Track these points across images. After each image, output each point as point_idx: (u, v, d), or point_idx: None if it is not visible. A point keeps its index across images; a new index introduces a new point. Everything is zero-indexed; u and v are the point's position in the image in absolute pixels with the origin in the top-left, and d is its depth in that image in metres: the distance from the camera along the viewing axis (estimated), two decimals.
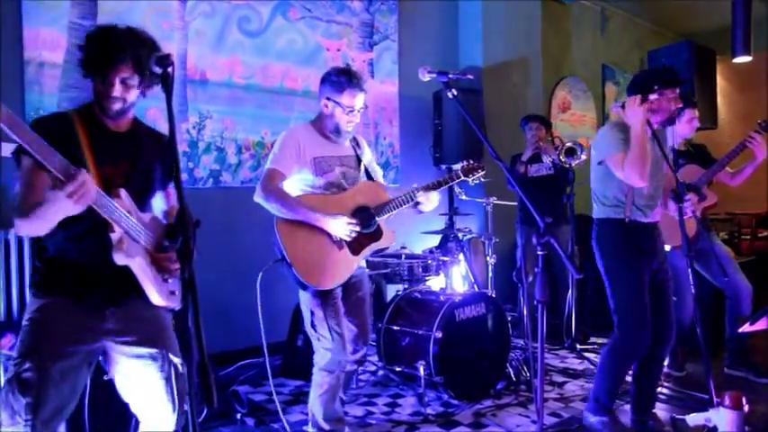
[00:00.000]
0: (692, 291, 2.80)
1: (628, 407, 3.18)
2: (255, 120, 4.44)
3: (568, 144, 4.39)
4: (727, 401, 2.41)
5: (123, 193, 1.85)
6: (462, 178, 3.00)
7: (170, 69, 1.64)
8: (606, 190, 2.98)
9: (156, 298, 1.94)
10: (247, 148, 4.41)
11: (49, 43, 3.52)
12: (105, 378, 2.04)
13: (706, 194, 3.73)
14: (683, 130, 3.80)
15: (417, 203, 2.82)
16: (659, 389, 3.65)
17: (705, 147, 4.07)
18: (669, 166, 2.93)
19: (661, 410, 3.31)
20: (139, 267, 1.87)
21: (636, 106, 2.76)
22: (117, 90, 1.86)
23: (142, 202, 1.96)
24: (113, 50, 1.83)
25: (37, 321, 1.83)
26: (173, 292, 1.99)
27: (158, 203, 2.10)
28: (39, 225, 1.73)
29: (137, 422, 2.05)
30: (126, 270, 1.86)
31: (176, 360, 1.94)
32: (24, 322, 1.85)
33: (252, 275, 2.85)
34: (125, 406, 2.02)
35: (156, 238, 1.96)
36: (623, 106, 2.86)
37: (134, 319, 1.95)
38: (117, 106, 1.89)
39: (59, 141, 1.67)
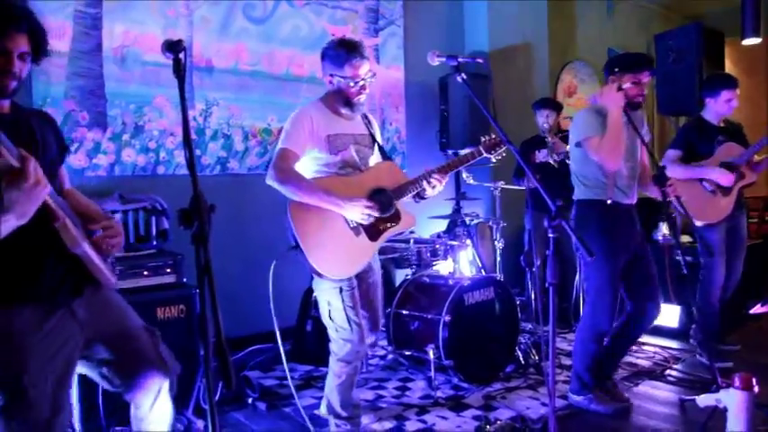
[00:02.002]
0: (723, 271, 2.85)
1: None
2: (262, 106, 4.43)
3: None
4: (737, 382, 2.41)
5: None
6: (484, 155, 2.80)
7: (181, 56, 1.61)
8: (586, 171, 3.05)
9: (109, 278, 1.89)
10: (254, 135, 4.41)
11: (56, 32, 3.51)
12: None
13: (744, 173, 3.74)
14: (721, 108, 3.75)
15: (422, 191, 2.68)
16: (667, 371, 3.69)
17: (741, 126, 4.02)
18: (646, 147, 3.02)
19: (670, 393, 3.33)
20: (90, 252, 1.79)
21: (614, 92, 2.87)
22: (16, 64, 1.69)
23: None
24: (10, 21, 1.67)
25: (9, 342, 1.66)
26: (112, 272, 1.94)
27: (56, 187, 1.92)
28: None
29: None
30: (74, 259, 1.77)
31: (151, 327, 1.96)
32: None
33: (260, 261, 2.85)
34: None
35: (80, 222, 1.86)
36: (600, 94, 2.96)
37: (100, 304, 1.90)
38: (14, 84, 1.71)
39: None
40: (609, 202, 2.99)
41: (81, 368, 1.91)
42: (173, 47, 1.60)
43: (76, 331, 1.81)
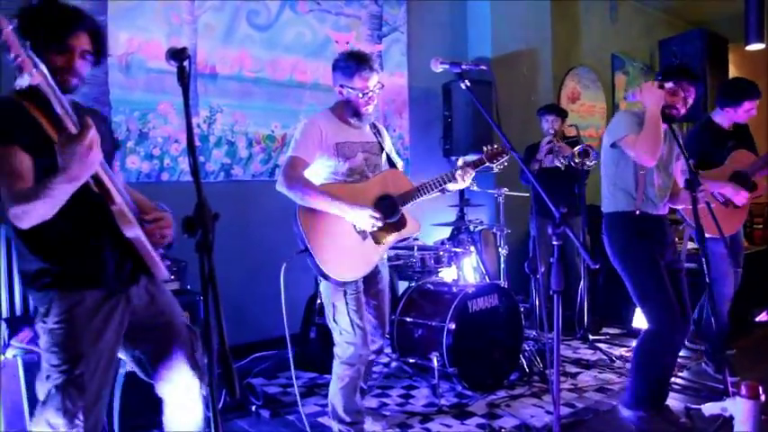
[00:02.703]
0: (731, 282, 2.78)
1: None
2: (265, 113, 4.44)
3: (585, 147, 4.33)
4: (743, 391, 2.40)
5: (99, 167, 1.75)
6: (487, 164, 2.86)
7: (186, 63, 1.63)
8: (620, 175, 2.98)
9: (161, 269, 1.95)
10: (258, 142, 4.42)
11: None
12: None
13: (757, 183, 3.66)
14: (740, 117, 3.69)
15: (444, 189, 2.78)
16: (673, 379, 3.66)
17: (748, 127, 3.94)
18: (684, 158, 2.90)
19: (675, 401, 3.30)
20: (143, 238, 1.84)
21: (654, 89, 2.82)
22: (78, 62, 1.78)
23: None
24: (75, 19, 1.77)
25: (75, 323, 1.76)
26: (164, 264, 1.99)
27: None
28: (43, 208, 1.60)
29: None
30: (130, 246, 1.84)
31: (193, 327, 2.02)
32: (56, 325, 1.76)
33: (263, 268, 2.86)
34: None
35: (137, 208, 1.93)
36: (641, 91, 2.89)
37: (151, 294, 1.98)
38: (75, 81, 1.80)
39: (19, 123, 1.59)
40: (637, 213, 2.93)
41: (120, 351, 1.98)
42: (177, 55, 1.62)
43: (127, 317, 1.90)
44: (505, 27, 5.82)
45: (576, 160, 4.30)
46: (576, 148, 4.33)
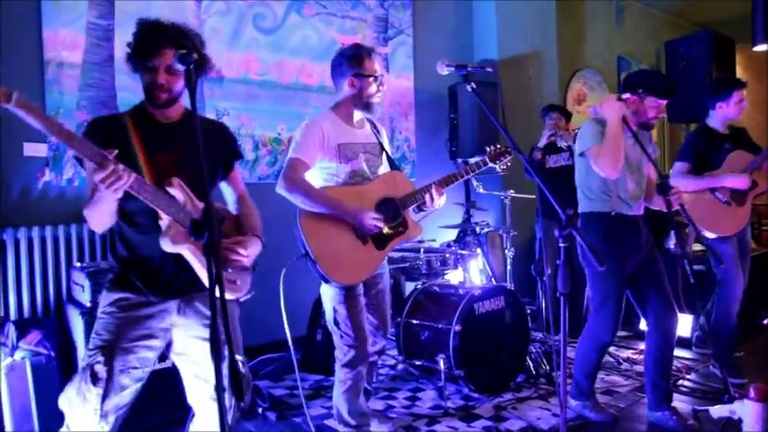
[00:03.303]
0: (741, 283, 2.79)
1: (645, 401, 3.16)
2: (271, 116, 4.45)
3: None
4: (752, 393, 2.39)
5: (176, 181, 1.88)
6: (490, 164, 2.87)
7: (192, 67, 1.64)
8: (590, 182, 3.04)
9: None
10: (264, 144, 4.43)
11: (68, 44, 3.55)
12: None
13: (757, 181, 3.66)
14: (732, 112, 3.68)
15: (422, 204, 2.73)
16: (680, 381, 3.65)
17: (745, 130, 3.94)
18: (653, 164, 2.98)
19: (683, 403, 3.29)
20: (191, 255, 1.88)
21: (612, 102, 2.88)
22: (162, 77, 1.89)
23: (199, 191, 1.95)
24: (156, 38, 1.90)
25: (110, 316, 1.91)
26: (233, 282, 2.02)
27: (227, 193, 2.22)
28: (95, 216, 1.81)
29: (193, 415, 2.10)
30: (185, 261, 1.90)
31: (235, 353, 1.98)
32: (99, 314, 1.94)
33: (270, 270, 2.85)
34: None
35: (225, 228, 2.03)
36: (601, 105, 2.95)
37: (199, 309, 2.01)
38: (164, 96, 1.93)
39: (110, 137, 1.78)
40: (612, 213, 2.98)
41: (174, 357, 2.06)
42: (184, 58, 1.62)
43: (167, 326, 1.98)
44: (511, 29, 5.82)
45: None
46: (575, 131, 4.29)
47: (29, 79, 3.41)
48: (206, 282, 1.92)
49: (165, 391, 2.62)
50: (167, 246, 1.85)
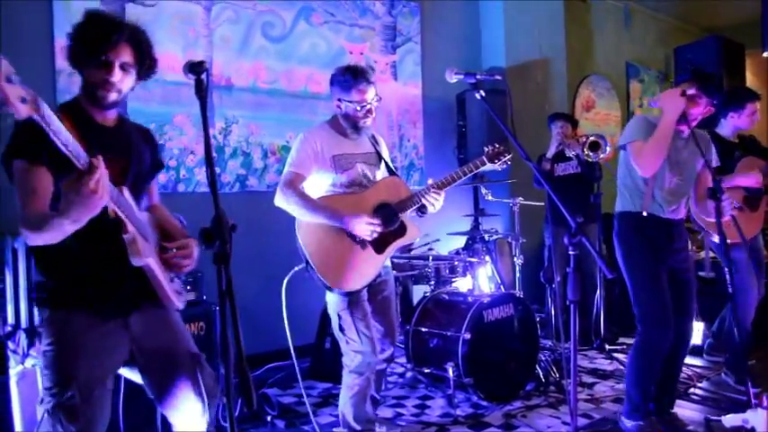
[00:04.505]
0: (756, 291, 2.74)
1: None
2: (280, 124, 4.47)
3: (592, 138, 4.27)
4: (765, 402, 2.37)
5: (126, 190, 1.74)
6: (487, 164, 2.86)
7: (203, 76, 1.63)
8: (628, 177, 2.96)
9: (169, 297, 1.90)
10: (273, 153, 4.45)
11: None
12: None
13: None
14: (743, 123, 3.66)
15: (422, 206, 2.76)
16: (691, 389, 3.61)
17: (755, 137, 3.92)
18: (710, 170, 2.85)
19: (695, 412, 3.26)
20: (154, 268, 1.80)
21: (675, 96, 2.75)
22: (116, 75, 1.74)
23: (138, 200, 1.87)
24: (114, 31, 1.72)
25: (65, 344, 1.72)
26: (179, 292, 1.98)
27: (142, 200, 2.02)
28: (54, 235, 1.58)
29: (164, 420, 2.03)
30: (139, 273, 1.78)
31: (197, 353, 1.93)
32: (47, 346, 1.73)
33: (278, 278, 2.87)
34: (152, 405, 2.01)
35: (157, 237, 1.92)
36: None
37: (153, 321, 1.91)
38: (113, 96, 1.77)
39: (46, 141, 1.45)
40: (645, 214, 2.90)
41: (126, 371, 1.94)
42: (195, 68, 1.62)
43: (125, 342, 1.85)
44: (519, 36, 5.82)
45: (586, 152, 4.25)
46: (583, 138, 4.27)
47: (40, 88, 3.41)
48: (169, 293, 1.89)
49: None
50: (138, 260, 1.72)
